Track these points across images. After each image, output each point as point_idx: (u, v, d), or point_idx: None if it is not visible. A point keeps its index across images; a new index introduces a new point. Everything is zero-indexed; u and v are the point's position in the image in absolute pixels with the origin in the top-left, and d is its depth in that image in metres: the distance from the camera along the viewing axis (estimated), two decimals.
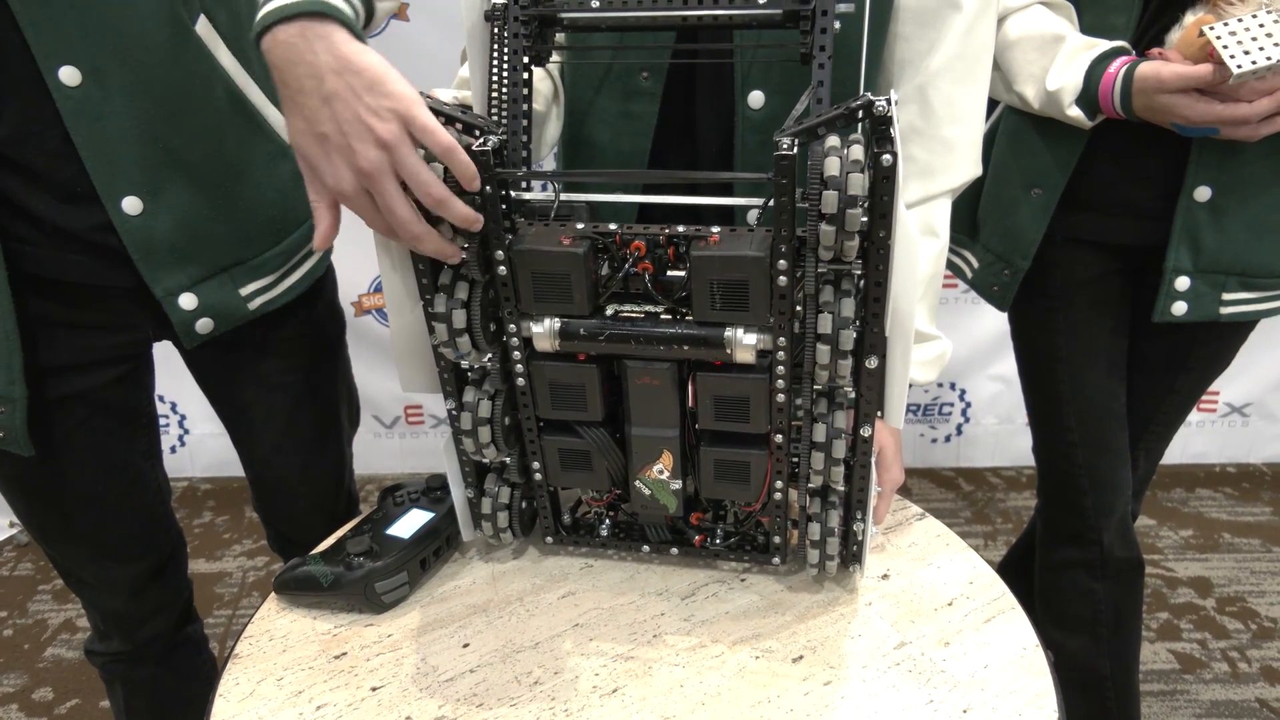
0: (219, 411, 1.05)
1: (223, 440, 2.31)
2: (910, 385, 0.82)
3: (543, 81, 0.84)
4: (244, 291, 0.91)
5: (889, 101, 0.56)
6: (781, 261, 0.61)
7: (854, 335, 0.62)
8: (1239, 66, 0.83)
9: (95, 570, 1.00)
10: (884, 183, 0.57)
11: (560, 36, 0.77)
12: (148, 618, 1.06)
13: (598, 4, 0.68)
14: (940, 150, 0.81)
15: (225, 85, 0.85)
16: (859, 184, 0.56)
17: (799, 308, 0.64)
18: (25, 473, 0.91)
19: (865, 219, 0.58)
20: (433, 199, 0.60)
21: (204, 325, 0.89)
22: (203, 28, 0.83)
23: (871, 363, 0.64)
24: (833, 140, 0.58)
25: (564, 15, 0.70)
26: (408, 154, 0.58)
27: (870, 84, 0.79)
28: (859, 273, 0.62)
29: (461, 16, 0.71)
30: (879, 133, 0.58)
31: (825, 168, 0.56)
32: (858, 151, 0.57)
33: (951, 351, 0.87)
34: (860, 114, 0.58)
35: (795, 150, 0.57)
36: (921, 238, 0.83)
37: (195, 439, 2.24)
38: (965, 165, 0.82)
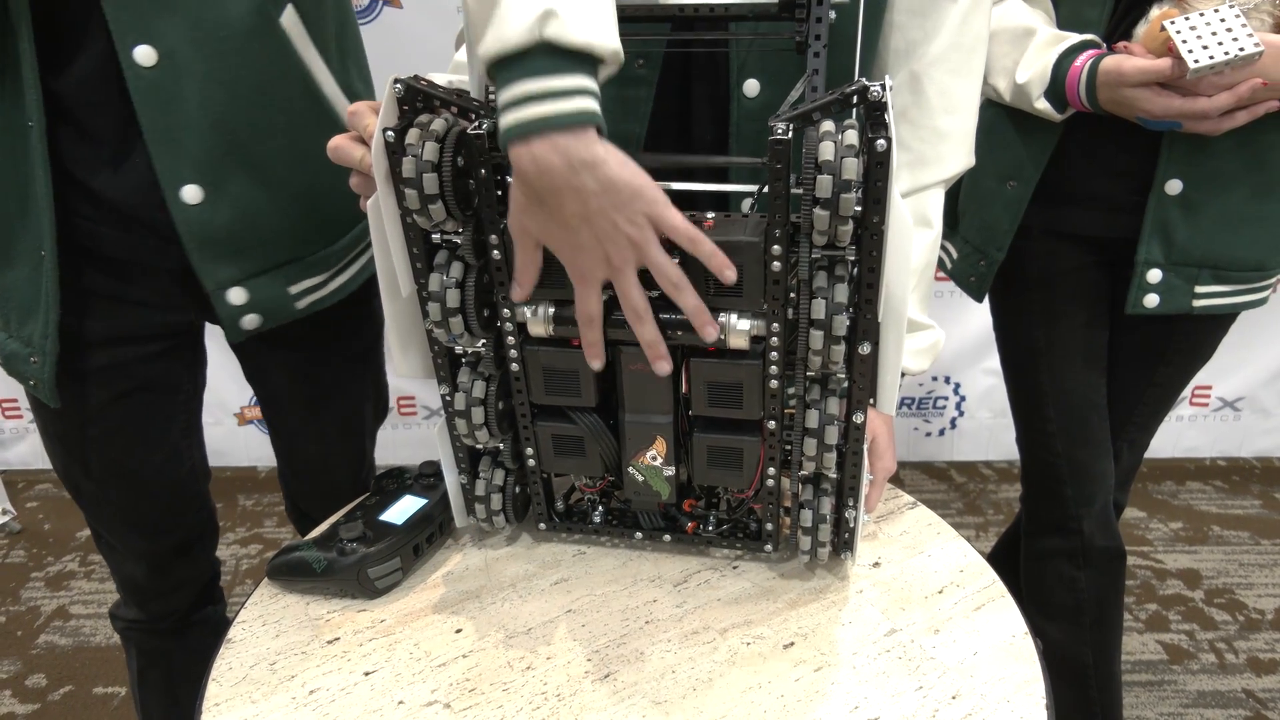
0: (254, 389, 1.08)
1: (216, 430, 2.32)
2: (903, 375, 0.83)
3: None
4: (293, 290, 0.91)
5: (884, 87, 0.57)
6: (775, 247, 0.61)
7: (847, 321, 0.62)
8: (1196, 62, 0.84)
9: (122, 538, 1.01)
10: (878, 168, 0.57)
11: None
12: (165, 593, 1.07)
13: None
14: (934, 140, 0.81)
15: (302, 78, 0.85)
16: (853, 169, 0.56)
17: (792, 294, 0.64)
18: (65, 434, 0.93)
19: (859, 205, 0.58)
20: (672, 284, 0.62)
21: (251, 321, 0.89)
22: (289, 19, 0.81)
23: (864, 349, 0.65)
24: (827, 125, 0.58)
25: None
26: (656, 251, 0.60)
27: (865, 72, 0.79)
28: (852, 259, 0.63)
29: (459, 2, 0.71)
30: (873, 118, 0.58)
31: (820, 152, 0.57)
32: (852, 137, 0.57)
33: (944, 341, 0.87)
34: (855, 99, 0.58)
35: (790, 135, 0.57)
36: (915, 227, 0.83)
37: None
38: (959, 155, 0.83)
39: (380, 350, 1.12)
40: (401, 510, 0.81)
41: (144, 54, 0.75)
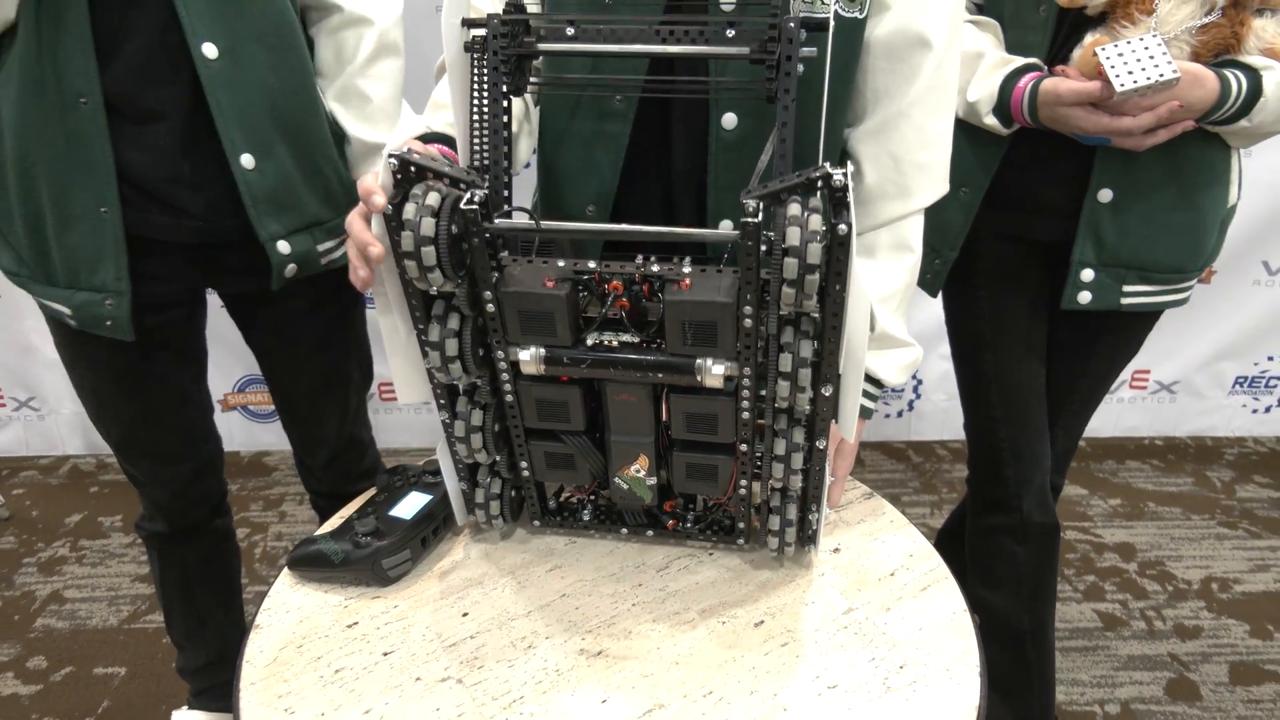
0: (254, 349, 1.24)
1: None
2: (881, 388, 0.89)
3: (515, 103, 0.87)
4: (320, 248, 1.11)
5: (845, 174, 0.61)
6: (747, 308, 0.66)
7: (810, 374, 0.67)
8: (1122, 85, 0.93)
9: (148, 470, 1.18)
10: (840, 248, 0.61)
11: (536, 63, 0.79)
12: (186, 510, 1.24)
13: (573, 32, 0.70)
14: (915, 174, 0.85)
15: (315, 82, 1.06)
16: (817, 253, 0.60)
17: (762, 341, 0.69)
18: (103, 390, 1.11)
19: (823, 281, 0.62)
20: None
21: (291, 270, 1.09)
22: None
23: (827, 390, 0.69)
24: (794, 209, 0.62)
25: (541, 49, 0.72)
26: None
27: (832, 121, 0.82)
28: (816, 315, 0.67)
29: (444, 48, 0.73)
30: (836, 200, 0.61)
31: (787, 238, 0.60)
32: (816, 222, 0.61)
33: (922, 357, 0.92)
34: (820, 184, 0.62)
35: (760, 216, 0.62)
36: (896, 252, 0.88)
37: None
38: (937, 185, 0.87)
39: (361, 314, 1.28)
40: (409, 506, 0.87)
41: (209, 49, 0.93)
